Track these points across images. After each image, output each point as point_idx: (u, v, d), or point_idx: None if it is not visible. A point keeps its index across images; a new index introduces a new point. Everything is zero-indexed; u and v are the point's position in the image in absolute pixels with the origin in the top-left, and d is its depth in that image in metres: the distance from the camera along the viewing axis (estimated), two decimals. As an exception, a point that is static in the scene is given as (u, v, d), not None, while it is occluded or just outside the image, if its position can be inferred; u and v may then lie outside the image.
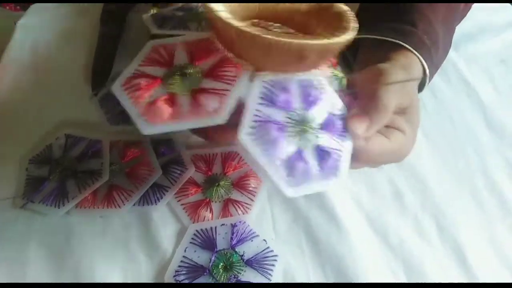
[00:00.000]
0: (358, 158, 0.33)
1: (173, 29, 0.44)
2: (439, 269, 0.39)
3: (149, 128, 0.30)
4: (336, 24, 0.32)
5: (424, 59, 0.40)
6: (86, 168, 0.43)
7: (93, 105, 0.49)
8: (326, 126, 0.32)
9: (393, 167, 0.44)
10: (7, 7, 0.83)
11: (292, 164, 0.30)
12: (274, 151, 0.30)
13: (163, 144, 0.45)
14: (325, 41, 0.29)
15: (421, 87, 0.42)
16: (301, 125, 0.31)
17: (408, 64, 0.39)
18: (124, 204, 0.41)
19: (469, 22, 0.56)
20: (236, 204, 0.41)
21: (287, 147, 0.30)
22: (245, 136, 0.29)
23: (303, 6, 0.35)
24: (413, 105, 0.37)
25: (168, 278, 0.37)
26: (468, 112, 0.50)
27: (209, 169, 0.44)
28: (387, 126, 0.35)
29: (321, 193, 0.41)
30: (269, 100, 0.31)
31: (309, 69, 0.32)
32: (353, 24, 0.32)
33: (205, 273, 0.36)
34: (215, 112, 0.30)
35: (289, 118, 0.31)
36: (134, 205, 0.41)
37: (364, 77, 0.36)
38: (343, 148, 0.32)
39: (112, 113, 0.48)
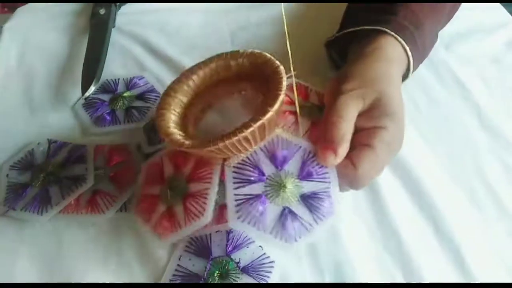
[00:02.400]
0: (354, 184, 0.34)
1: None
2: (438, 273, 0.38)
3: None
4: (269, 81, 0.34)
5: (405, 41, 0.40)
6: (70, 174, 0.42)
7: (77, 109, 0.48)
8: (304, 174, 0.34)
9: (388, 170, 0.44)
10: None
11: (284, 226, 0.32)
12: (264, 224, 0.32)
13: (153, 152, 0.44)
14: (250, 128, 0.30)
15: (407, 73, 0.42)
16: (279, 186, 0.33)
17: (385, 45, 0.39)
18: (108, 209, 0.40)
19: (460, 23, 0.56)
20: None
21: (271, 213, 0.33)
22: (233, 222, 0.32)
23: (233, 67, 0.37)
24: (385, 95, 0.35)
25: (163, 288, 0.36)
26: (463, 113, 0.49)
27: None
28: (364, 130, 0.34)
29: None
30: (242, 180, 0.33)
31: (263, 140, 0.34)
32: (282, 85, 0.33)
33: (200, 282, 0.35)
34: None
35: (267, 185, 0.33)
36: (121, 211, 0.40)
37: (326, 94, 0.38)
38: (326, 182, 0.33)
39: (96, 116, 0.47)
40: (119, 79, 0.51)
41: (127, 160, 0.43)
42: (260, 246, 0.37)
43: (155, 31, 0.56)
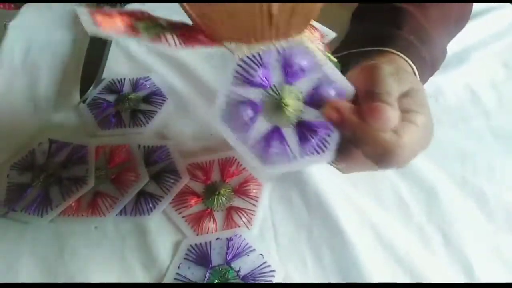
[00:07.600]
0: (389, 160, 0.28)
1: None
2: (445, 281, 0.37)
3: None
4: None
5: (411, 58, 0.38)
6: (70, 175, 0.41)
7: (82, 109, 0.48)
8: (312, 99, 0.29)
9: (397, 176, 0.43)
10: (1, 6, 0.81)
11: (266, 144, 0.29)
12: (246, 134, 0.29)
13: (156, 152, 0.43)
14: None
15: None
16: (279, 103, 0.29)
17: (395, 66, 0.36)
18: (109, 212, 0.39)
19: (470, 26, 0.54)
20: (240, 212, 0.39)
21: (260, 127, 0.29)
22: (215, 119, 0.29)
23: None
24: (416, 89, 0.32)
25: (162, 296, 0.35)
26: (473, 118, 0.48)
27: (207, 178, 0.42)
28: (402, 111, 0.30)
29: (325, 205, 0.39)
30: (243, 78, 0.29)
31: (285, 36, 0.29)
32: None
33: (199, 289, 0.35)
34: None
35: (267, 96, 0.29)
36: (126, 215, 0.39)
37: (357, 74, 0.32)
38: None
39: (101, 117, 0.47)
40: (124, 79, 0.50)
41: (129, 161, 0.43)
42: (261, 254, 0.36)
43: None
